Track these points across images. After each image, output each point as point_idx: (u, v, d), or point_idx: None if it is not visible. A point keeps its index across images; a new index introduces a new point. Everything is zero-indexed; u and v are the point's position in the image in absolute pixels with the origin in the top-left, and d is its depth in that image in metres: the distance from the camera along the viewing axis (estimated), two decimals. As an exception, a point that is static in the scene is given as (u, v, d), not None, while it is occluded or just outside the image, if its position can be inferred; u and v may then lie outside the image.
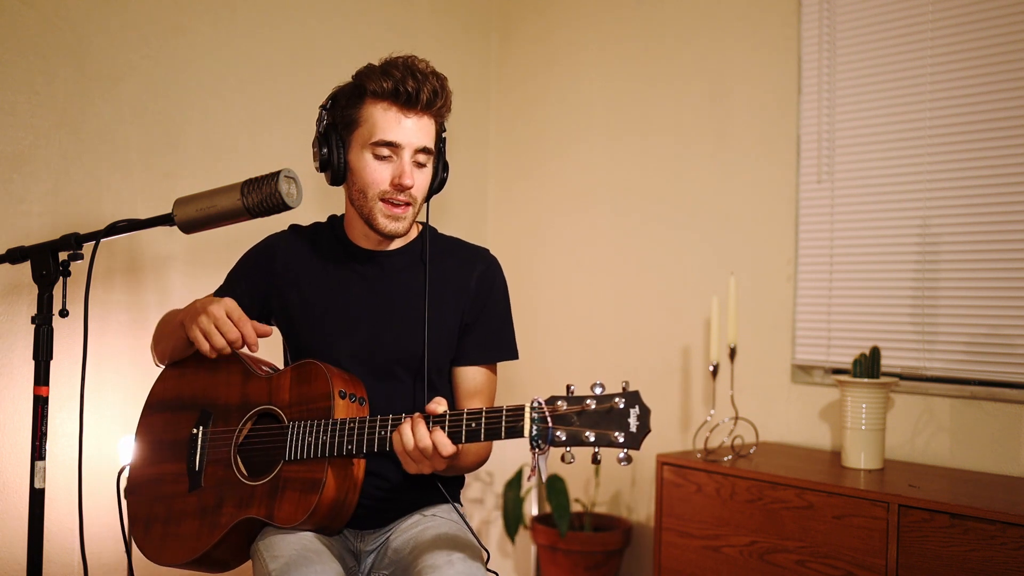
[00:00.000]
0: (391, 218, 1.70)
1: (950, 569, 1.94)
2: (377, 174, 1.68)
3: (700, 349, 2.93)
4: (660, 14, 3.10)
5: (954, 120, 2.42)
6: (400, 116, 1.67)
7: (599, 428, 1.33)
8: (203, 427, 1.74)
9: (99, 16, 2.52)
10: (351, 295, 1.78)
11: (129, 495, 1.79)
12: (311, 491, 1.58)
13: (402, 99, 1.66)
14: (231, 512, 1.65)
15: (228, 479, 1.68)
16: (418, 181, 1.70)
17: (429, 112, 1.69)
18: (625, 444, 1.32)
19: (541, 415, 1.36)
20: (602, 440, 1.33)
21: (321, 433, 1.58)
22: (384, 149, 1.67)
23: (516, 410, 1.40)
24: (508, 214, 3.57)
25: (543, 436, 1.36)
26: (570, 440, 1.34)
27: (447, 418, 1.47)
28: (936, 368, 2.44)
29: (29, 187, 2.39)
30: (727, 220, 2.89)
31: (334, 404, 1.61)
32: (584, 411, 1.35)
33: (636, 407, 1.33)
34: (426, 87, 1.66)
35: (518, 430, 1.39)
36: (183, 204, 1.59)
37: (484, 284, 1.81)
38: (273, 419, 1.70)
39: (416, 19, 3.34)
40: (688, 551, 2.41)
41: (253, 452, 1.70)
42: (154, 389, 1.85)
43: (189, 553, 1.68)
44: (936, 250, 2.45)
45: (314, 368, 1.66)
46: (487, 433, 1.43)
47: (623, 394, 1.34)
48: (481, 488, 3.25)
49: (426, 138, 1.69)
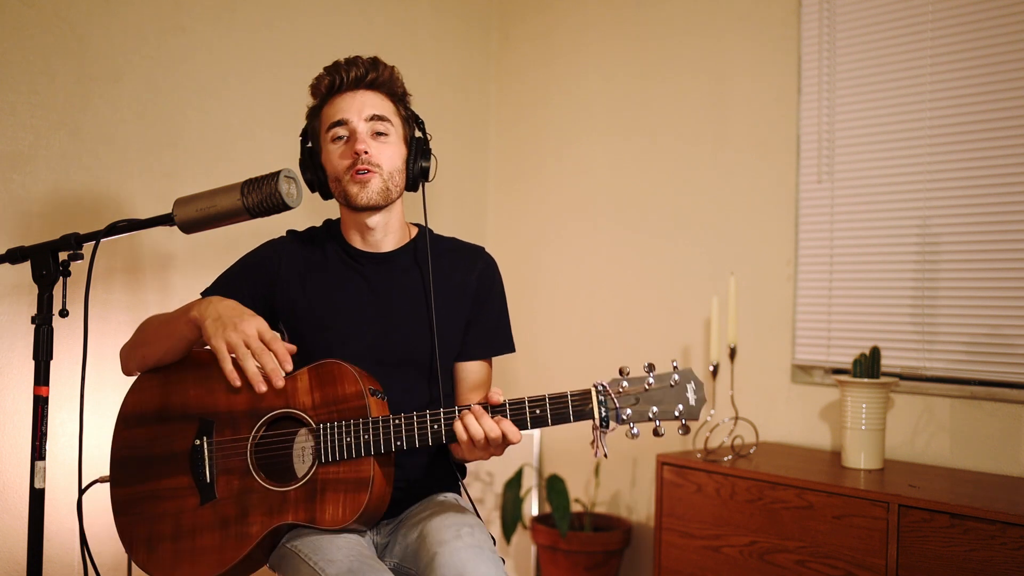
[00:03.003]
0: (358, 184, 1.74)
1: (950, 569, 1.94)
2: (336, 155, 1.77)
3: (700, 349, 2.93)
4: (660, 13, 3.10)
5: (954, 120, 2.42)
6: (341, 99, 1.78)
7: (662, 404, 1.48)
8: (207, 437, 1.68)
9: (99, 16, 2.52)
10: (356, 296, 1.79)
11: (120, 516, 1.70)
12: (359, 490, 1.58)
13: (337, 85, 1.78)
14: (261, 520, 1.62)
15: (249, 487, 1.64)
16: (377, 150, 1.76)
17: (368, 87, 1.78)
18: (685, 415, 1.48)
19: (608, 396, 1.49)
20: (665, 415, 1.48)
21: (363, 432, 1.58)
22: (338, 129, 1.77)
23: (582, 394, 1.50)
24: (508, 213, 3.57)
25: (612, 416, 1.48)
26: (635, 417, 1.48)
27: (508, 407, 1.54)
28: (936, 368, 2.44)
29: (29, 187, 2.39)
30: (727, 220, 2.89)
31: (369, 403, 1.60)
32: (647, 391, 1.49)
33: (692, 382, 1.49)
34: (353, 68, 1.77)
35: (587, 412, 1.50)
36: (183, 204, 1.59)
37: (484, 281, 1.86)
38: (289, 423, 1.67)
39: (416, 18, 3.34)
40: (688, 551, 2.41)
41: (267, 459, 1.67)
42: (128, 401, 1.75)
43: (215, 567, 1.64)
44: (936, 250, 2.45)
45: (338, 368, 1.64)
46: (554, 418, 1.52)
47: (678, 371, 1.49)
48: (481, 488, 3.25)
49: (373, 107, 1.77)
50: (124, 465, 1.73)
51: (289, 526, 1.63)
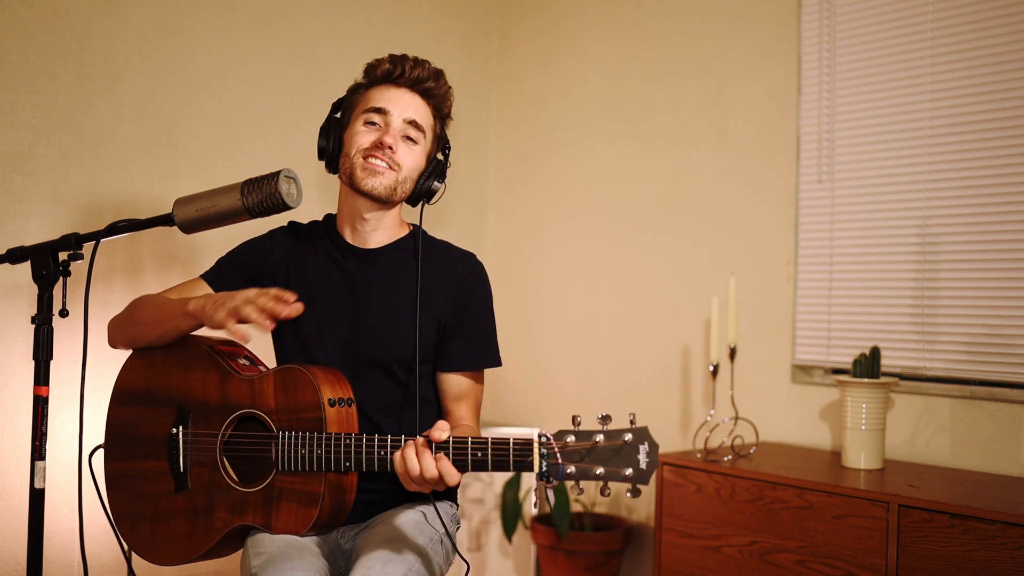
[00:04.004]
0: (368, 171, 1.73)
1: (950, 569, 1.94)
2: (362, 136, 1.76)
3: (700, 349, 2.93)
4: (660, 13, 3.10)
5: (954, 120, 2.42)
6: (393, 88, 1.77)
7: (609, 464, 1.37)
8: (183, 426, 1.71)
9: (99, 16, 2.52)
10: (333, 291, 1.79)
11: (111, 489, 1.78)
12: (310, 504, 1.59)
13: (395, 74, 1.76)
14: (225, 517, 1.65)
15: (216, 483, 1.67)
16: (404, 155, 1.75)
17: (421, 91, 1.78)
18: (634, 479, 1.36)
19: (550, 450, 1.38)
20: (612, 476, 1.37)
21: (315, 447, 1.57)
22: (374, 115, 1.75)
23: (524, 444, 1.41)
24: (508, 213, 3.57)
25: (553, 472, 1.38)
26: (579, 475, 1.38)
27: (451, 446, 1.47)
28: (936, 368, 2.44)
29: (29, 187, 2.39)
30: (727, 220, 2.89)
31: (325, 416, 1.59)
32: (594, 448, 1.37)
33: (645, 443, 1.37)
34: (418, 68, 1.77)
35: (527, 464, 1.41)
36: (183, 204, 1.59)
37: (465, 289, 1.81)
38: (256, 422, 1.68)
39: (416, 17, 3.34)
40: (688, 551, 2.41)
41: (239, 456, 1.69)
42: (121, 378, 1.81)
43: (184, 555, 1.69)
44: (936, 250, 2.45)
45: (299, 375, 1.63)
46: (494, 464, 1.44)
47: (632, 430, 1.37)
48: (481, 488, 3.25)
49: (416, 113, 1.77)
50: (116, 440, 1.79)
51: (251, 527, 1.66)
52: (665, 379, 3.01)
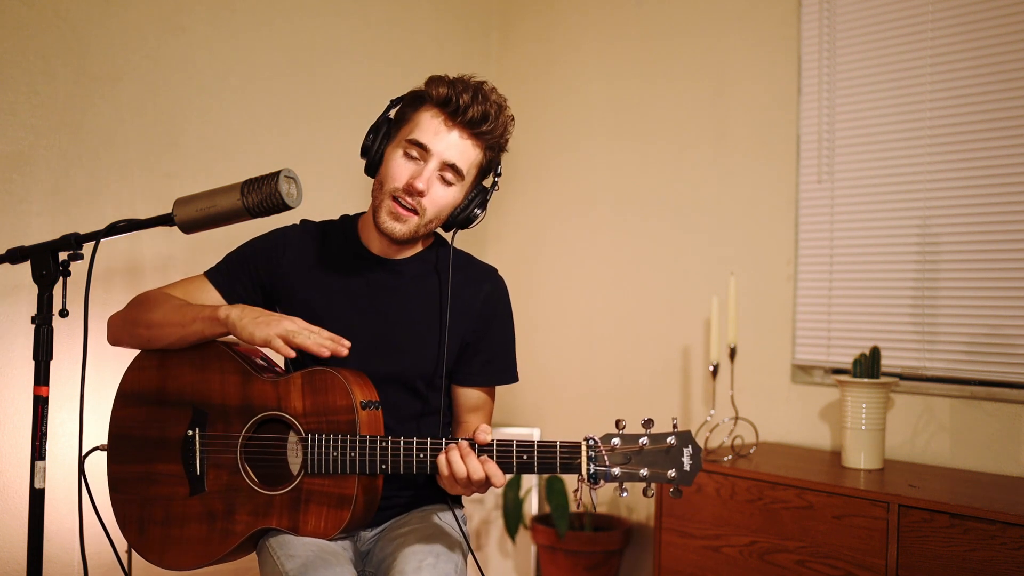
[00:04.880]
0: (392, 216, 1.67)
1: (950, 569, 1.94)
2: (398, 170, 1.68)
3: (700, 349, 2.93)
4: (660, 13, 3.10)
5: (954, 120, 2.42)
6: (442, 125, 1.67)
7: (654, 467, 1.43)
8: (199, 428, 1.68)
9: (99, 16, 2.52)
10: (355, 301, 1.76)
11: (114, 492, 1.74)
12: (342, 507, 1.58)
13: (450, 108, 1.65)
14: (247, 520, 1.63)
15: (237, 486, 1.65)
16: (434, 194, 1.68)
17: (473, 132, 1.68)
18: (678, 480, 1.42)
19: (598, 453, 1.44)
20: (656, 477, 1.43)
21: (349, 450, 1.56)
22: (414, 149, 1.67)
23: (572, 446, 1.45)
24: (508, 213, 3.57)
25: (601, 474, 1.43)
26: (625, 477, 1.43)
27: (495, 448, 1.48)
28: (936, 368, 2.44)
29: (29, 187, 2.39)
30: (727, 220, 2.89)
31: (358, 419, 1.58)
32: (640, 451, 1.43)
33: (689, 446, 1.43)
34: (478, 105, 1.66)
35: (575, 467, 1.45)
36: (183, 204, 1.59)
37: (489, 305, 1.80)
38: (280, 424, 1.66)
39: (415, 18, 3.34)
40: (688, 551, 2.41)
41: (259, 458, 1.66)
42: (128, 378, 1.76)
43: (199, 559, 1.66)
44: (936, 250, 2.45)
45: (330, 378, 1.61)
46: (540, 466, 1.47)
47: (675, 433, 1.43)
48: (481, 488, 3.25)
49: (458, 156, 1.67)
50: (121, 442, 1.75)
51: (274, 530, 1.64)
52: (665, 379, 3.01)
